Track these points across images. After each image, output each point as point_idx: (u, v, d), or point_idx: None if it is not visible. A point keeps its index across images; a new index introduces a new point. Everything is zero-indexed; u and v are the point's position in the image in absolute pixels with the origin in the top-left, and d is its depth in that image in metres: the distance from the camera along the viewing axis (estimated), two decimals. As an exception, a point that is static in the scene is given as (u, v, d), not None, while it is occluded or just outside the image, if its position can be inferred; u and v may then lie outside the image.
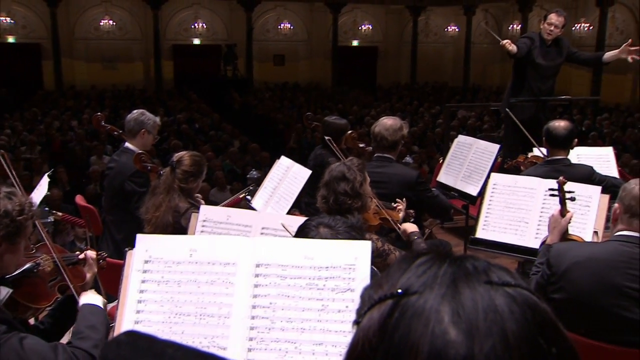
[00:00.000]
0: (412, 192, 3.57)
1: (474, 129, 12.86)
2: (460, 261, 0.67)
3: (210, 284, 1.65)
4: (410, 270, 0.67)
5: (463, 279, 0.64)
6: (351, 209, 2.57)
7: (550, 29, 5.28)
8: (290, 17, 22.95)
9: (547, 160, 3.87)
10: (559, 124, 3.80)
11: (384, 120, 3.80)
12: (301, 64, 23.71)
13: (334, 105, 16.88)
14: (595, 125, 14.17)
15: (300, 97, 18.81)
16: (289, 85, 22.07)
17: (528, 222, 3.33)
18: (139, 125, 4.09)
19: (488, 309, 0.61)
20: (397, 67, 24.48)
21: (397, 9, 23.56)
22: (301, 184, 3.87)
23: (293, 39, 23.32)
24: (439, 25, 24.70)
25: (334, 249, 1.59)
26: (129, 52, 21.52)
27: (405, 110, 16.48)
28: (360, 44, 24.21)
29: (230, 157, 10.44)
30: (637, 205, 2.33)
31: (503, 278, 0.65)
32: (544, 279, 2.47)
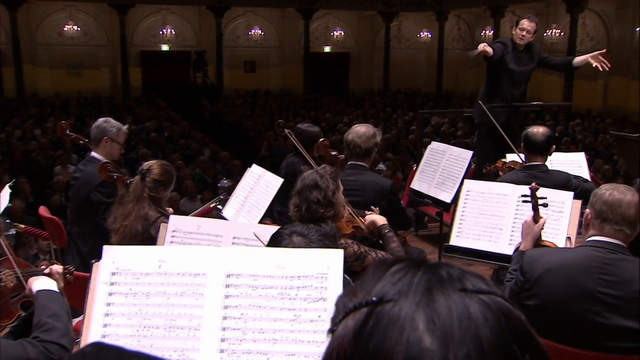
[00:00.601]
0: (385, 201, 3.60)
1: (447, 135, 13.01)
2: (435, 269, 0.68)
3: (180, 296, 1.64)
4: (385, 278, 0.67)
5: (438, 287, 0.64)
6: (324, 217, 2.58)
7: (522, 35, 5.38)
8: (260, 23, 22.97)
9: (524, 166, 3.95)
10: (538, 130, 3.87)
11: (356, 128, 3.83)
12: (272, 70, 23.73)
13: (306, 113, 16.91)
14: (568, 131, 14.48)
15: (271, 104, 18.81)
16: (260, 92, 22.06)
17: (502, 228, 3.39)
18: (100, 133, 4.04)
19: (462, 316, 0.62)
20: (369, 73, 24.67)
21: (369, 15, 23.77)
22: (273, 193, 3.87)
23: (264, 46, 23.33)
24: (411, 31, 24.99)
25: (306, 257, 1.60)
26: (95, 59, 21.27)
27: (378, 117, 16.60)
28: (332, 50, 24.34)
29: (201, 166, 10.38)
30: (608, 211, 2.39)
31: (477, 285, 0.66)
32: (518, 286, 2.52)
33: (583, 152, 5.39)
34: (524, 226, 2.87)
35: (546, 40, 18.71)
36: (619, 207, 2.37)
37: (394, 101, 20.75)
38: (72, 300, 2.51)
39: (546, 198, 2.90)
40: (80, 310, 2.03)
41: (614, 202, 2.38)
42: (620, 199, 2.38)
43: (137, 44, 21.70)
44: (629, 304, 2.30)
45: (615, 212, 2.37)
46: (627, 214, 2.36)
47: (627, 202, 2.37)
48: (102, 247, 1.77)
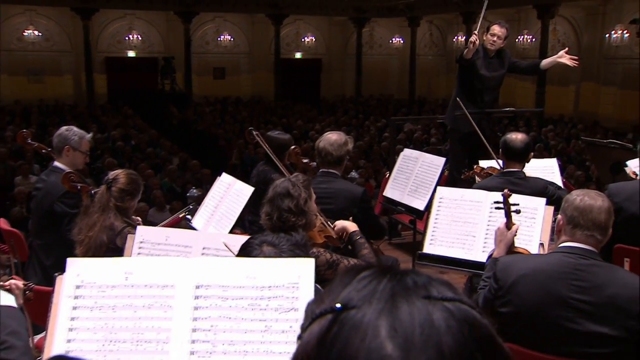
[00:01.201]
0: (357, 209, 3.62)
1: (420, 142, 13.15)
2: (400, 276, 0.69)
3: (148, 308, 1.63)
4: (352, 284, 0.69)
5: (402, 294, 0.66)
6: (295, 226, 2.58)
7: (493, 40, 5.48)
8: (230, 28, 22.93)
9: (502, 172, 3.99)
10: (516, 136, 3.92)
11: (328, 135, 3.85)
12: (243, 77, 23.69)
13: (277, 120, 16.92)
14: (541, 136, 14.75)
15: (242, 112, 18.77)
16: (230, 100, 21.98)
17: (475, 235, 3.44)
18: (62, 142, 3.99)
19: (425, 323, 0.63)
20: (341, 79, 24.79)
21: (341, 21, 23.93)
22: (244, 202, 3.87)
23: (234, 52, 23.29)
24: (383, 37, 25.21)
25: (276, 267, 1.60)
26: (57, 65, 20.95)
27: (350, 124, 16.69)
28: (303, 57, 24.42)
29: (169, 175, 10.29)
30: (579, 216, 2.44)
31: (443, 293, 0.67)
32: (492, 293, 2.55)
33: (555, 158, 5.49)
34: (497, 233, 2.91)
35: (518, 46, 19.06)
36: (590, 212, 2.42)
37: (367, 108, 20.89)
38: (33, 316, 2.47)
39: (519, 204, 2.94)
40: (43, 326, 2.00)
41: (585, 207, 2.43)
42: (591, 205, 2.44)
43: (102, 50, 21.45)
44: (600, 309, 2.35)
45: (586, 218, 2.42)
46: (598, 220, 2.42)
47: (597, 207, 2.43)
48: (65, 260, 1.75)
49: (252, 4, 20.71)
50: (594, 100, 18.19)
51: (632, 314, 2.33)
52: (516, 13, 20.32)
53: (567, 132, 15.73)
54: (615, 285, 2.37)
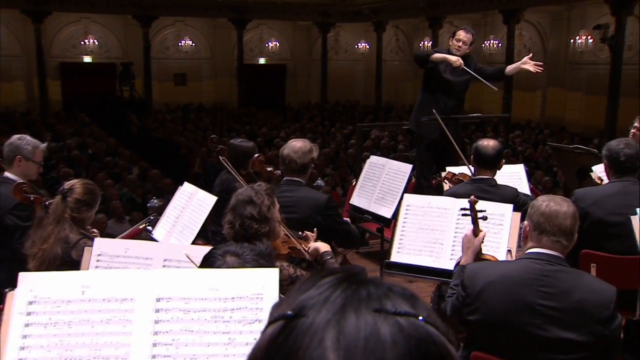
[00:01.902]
0: (321, 217, 3.63)
1: (388, 149, 13.27)
2: (357, 286, 0.69)
3: (106, 323, 1.61)
4: (310, 291, 0.70)
5: (352, 305, 0.66)
6: (258, 234, 2.59)
7: (458, 46, 5.57)
8: (191, 33, 22.78)
9: (473, 179, 4.03)
10: (488, 143, 3.96)
11: (292, 143, 3.87)
12: (205, 83, 23.55)
13: (241, 127, 16.87)
14: (509, 142, 15.04)
15: (204, 119, 18.66)
16: (192, 107, 21.82)
17: (443, 243, 3.49)
18: (13, 152, 3.91)
19: (370, 337, 0.63)
20: (306, 85, 24.86)
21: (305, 25, 24.02)
22: (206, 212, 3.85)
23: (195, 57, 23.13)
24: (349, 42, 25.39)
25: (240, 278, 1.61)
26: (8, 71, 20.43)
27: (316, 131, 16.75)
28: (267, 62, 24.41)
29: (129, 185, 10.17)
30: (545, 222, 2.50)
31: (398, 307, 0.67)
32: (460, 301, 2.59)
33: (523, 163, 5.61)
34: (464, 240, 2.96)
35: (484, 51, 19.43)
36: (556, 218, 2.49)
37: (333, 114, 20.98)
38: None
39: (485, 211, 3.00)
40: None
41: (551, 213, 2.50)
42: (556, 210, 2.50)
43: (56, 55, 21.06)
44: (568, 315, 2.41)
45: (552, 224, 2.48)
46: (564, 225, 2.48)
47: (563, 213, 2.49)
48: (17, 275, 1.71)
49: (214, 8, 20.63)
50: (561, 105, 18.63)
51: (599, 319, 2.39)
52: (482, 18, 20.71)
53: (534, 138, 16.07)
54: (581, 291, 2.43)
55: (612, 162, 3.80)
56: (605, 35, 13.38)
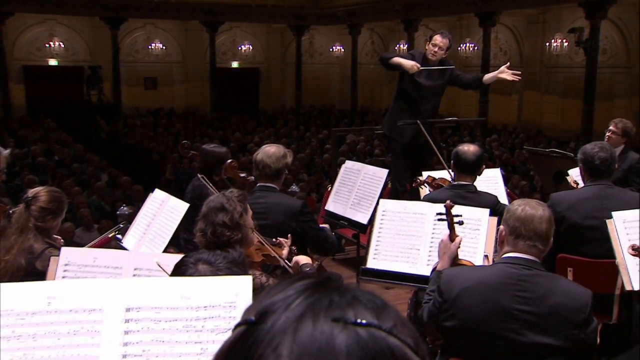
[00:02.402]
0: (296, 223, 3.64)
1: (363, 153, 13.33)
2: (321, 294, 0.69)
3: (73, 335, 1.59)
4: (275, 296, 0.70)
5: (311, 313, 0.67)
6: (230, 241, 2.58)
7: (434, 51, 5.59)
8: (162, 36, 22.64)
9: (452, 185, 4.04)
10: (469, 148, 3.96)
11: (266, 148, 3.88)
12: (176, 87, 23.41)
13: (213, 132, 16.80)
14: (485, 146, 15.20)
15: (176, 124, 18.55)
16: (163, 111, 21.68)
17: (419, 248, 3.51)
18: (-26, 159, 3.86)
19: (324, 347, 0.64)
20: (281, 89, 24.87)
21: (279, 28, 24.04)
22: (178, 219, 3.83)
23: (166, 61, 22.99)
24: (323, 46, 25.47)
25: (212, 286, 1.60)
26: (-32, 74, 20.12)
27: (291, 136, 16.75)
28: (240, 66, 24.37)
29: (98, 192, 10.06)
30: (521, 227, 2.54)
31: (361, 317, 0.67)
32: (436, 307, 2.62)
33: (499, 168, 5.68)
34: (441, 245, 2.99)
35: (460, 54, 19.65)
36: (532, 222, 2.53)
37: (308, 119, 21.02)
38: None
39: (462, 216, 3.03)
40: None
41: (527, 217, 2.54)
42: (532, 215, 2.54)
43: (19, 58, 20.71)
44: (544, 320, 2.45)
45: (528, 228, 2.52)
46: (540, 229, 2.52)
47: (539, 217, 2.53)
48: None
49: (185, 10, 20.53)
50: (537, 109, 18.92)
51: (575, 323, 2.44)
52: (458, 21, 20.94)
53: (511, 142, 16.28)
54: (557, 295, 2.47)
55: (587, 165, 3.87)
56: (580, 39, 13.64)
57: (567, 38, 16.38)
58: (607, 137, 5.34)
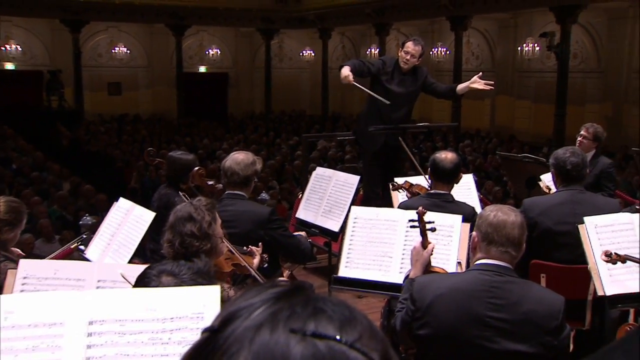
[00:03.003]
0: (264, 231, 3.63)
1: (335, 160, 13.37)
2: (284, 303, 0.70)
3: (32, 351, 1.57)
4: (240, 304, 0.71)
5: (269, 323, 0.67)
6: (199, 252, 2.57)
7: (407, 58, 5.59)
8: (125, 40, 22.43)
9: (428, 193, 4.04)
10: (446, 156, 3.95)
11: (235, 155, 3.88)
12: (141, 93, 23.21)
13: (180, 139, 16.71)
14: (459, 152, 15.37)
15: (141, 131, 18.40)
16: (127, 117, 21.48)
17: (392, 256, 3.53)
18: None
19: (278, 358, 0.64)
20: (250, 95, 24.83)
21: (248, 32, 24.02)
22: (144, 229, 3.80)
23: (131, 65, 22.79)
24: (293, 50, 25.52)
25: (179, 297, 1.60)
26: None
27: (260, 142, 16.74)
28: (208, 70, 24.28)
29: (59, 202, 9.91)
30: (493, 232, 2.57)
31: (321, 329, 0.67)
32: (409, 315, 2.63)
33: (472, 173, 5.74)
34: (413, 252, 3.01)
35: (432, 59, 19.87)
36: (504, 228, 2.57)
37: (278, 125, 21.02)
38: None
39: (434, 222, 3.06)
40: None
41: (499, 223, 2.57)
42: (504, 220, 2.58)
43: (-26, 62, 20.37)
44: (517, 327, 2.48)
45: (500, 234, 2.56)
46: (512, 235, 2.56)
47: (511, 222, 2.57)
48: None
49: (150, 13, 20.38)
50: (510, 114, 19.20)
51: (548, 330, 2.48)
52: (430, 25, 21.18)
53: (484, 147, 16.49)
54: (530, 302, 2.51)
55: (559, 170, 3.95)
56: (551, 43, 13.90)
57: (538, 42, 16.68)
58: (579, 142, 5.44)
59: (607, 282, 3.37)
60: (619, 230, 3.49)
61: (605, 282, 3.37)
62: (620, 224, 3.51)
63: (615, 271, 3.38)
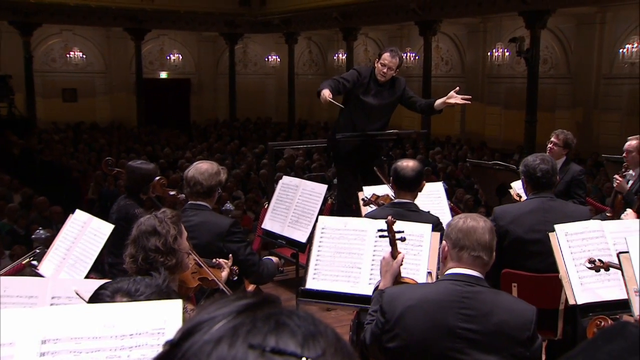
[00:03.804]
0: (223, 243, 3.62)
1: (302, 168, 13.38)
2: (247, 317, 0.71)
3: (-20, 373, 1.53)
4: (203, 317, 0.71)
5: (228, 338, 0.68)
6: (164, 267, 2.54)
7: (384, 72, 5.55)
8: (81, 44, 22.13)
9: (392, 203, 4.07)
10: (408, 164, 3.98)
11: (199, 164, 3.86)
12: (99, 99, 22.92)
13: (141, 148, 16.56)
14: (429, 159, 15.53)
15: (99, 139, 18.16)
16: (84, 125, 21.19)
17: (361, 267, 3.55)
18: None
19: None
20: (213, 102, 24.72)
21: (211, 36, 23.94)
22: (102, 242, 3.76)
23: (87, 70, 22.48)
24: (258, 55, 25.52)
25: (139, 312, 1.58)
26: None
27: (225, 151, 16.68)
28: (169, 76, 24.12)
29: (9, 215, 9.73)
30: (464, 238, 2.61)
31: (281, 345, 0.68)
32: (379, 328, 2.65)
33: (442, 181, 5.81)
34: (382, 263, 3.03)
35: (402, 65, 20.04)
36: (474, 233, 2.60)
37: (243, 132, 20.98)
38: None
39: (403, 232, 3.09)
40: None
41: (469, 229, 2.61)
42: (474, 226, 2.62)
43: None
44: (489, 338, 2.51)
45: (471, 238, 2.60)
46: (483, 239, 2.60)
47: (481, 227, 2.62)
48: None
49: (107, 16, 20.12)
50: (480, 120, 19.47)
51: (520, 341, 2.52)
52: (398, 29, 21.40)
53: (454, 154, 16.69)
54: (501, 312, 2.55)
55: (529, 178, 4.02)
56: (521, 49, 14.12)
57: (508, 48, 16.96)
58: (549, 148, 5.55)
59: (579, 291, 3.43)
60: (590, 237, 3.57)
61: (576, 290, 3.43)
62: (591, 232, 3.59)
63: (587, 279, 3.45)
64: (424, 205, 4.32)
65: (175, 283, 2.65)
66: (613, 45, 15.85)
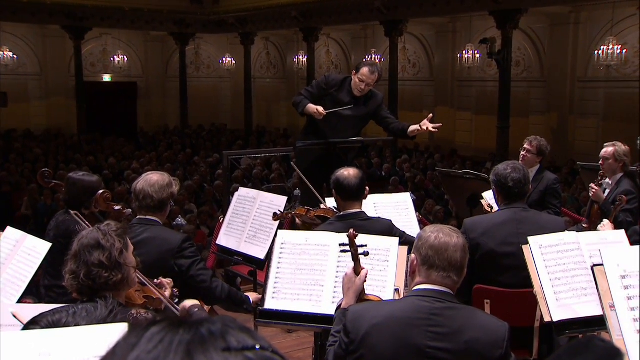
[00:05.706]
0: (174, 260, 3.60)
1: (261, 179, 13.37)
2: (195, 327, 0.74)
3: None
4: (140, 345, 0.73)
5: (199, 347, 0.71)
6: (109, 283, 2.52)
7: (362, 87, 5.71)
8: (12, 43, 21.69)
9: (340, 215, 4.09)
10: (349, 172, 4.06)
11: (148, 176, 3.84)
12: (33, 105, 22.54)
13: (82, 158, 16.37)
14: (396, 168, 15.66)
15: (34, 149, 17.89)
16: (16, 133, 20.83)
17: (323, 284, 3.56)
18: None
19: None
20: (163, 107, 24.55)
21: (159, 36, 23.80)
22: (37, 262, 3.70)
23: (19, 73, 22.05)
24: (212, 57, 25.45)
25: (79, 338, 1.57)
26: None
27: (176, 161, 16.58)
28: (113, 80, 23.88)
29: None
30: (434, 256, 2.64)
31: (243, 342, 0.73)
32: (343, 349, 2.66)
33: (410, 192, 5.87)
34: (345, 280, 3.04)
35: (366, 67, 20.17)
36: (446, 251, 2.63)
37: (195, 141, 20.89)
38: None
39: (366, 246, 3.10)
40: None
41: (441, 246, 2.64)
42: (446, 243, 2.65)
43: None
44: (459, 357, 2.55)
45: (442, 257, 2.63)
46: (454, 258, 2.63)
47: (453, 245, 2.65)
48: None
49: (42, 12, 19.71)
50: (450, 126, 19.67)
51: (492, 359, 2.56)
52: (362, 30, 21.58)
53: (423, 163, 16.86)
54: (472, 330, 2.58)
55: (500, 188, 4.08)
56: (492, 50, 14.34)
57: (478, 49, 17.18)
58: (522, 156, 5.65)
59: (554, 307, 3.49)
60: (565, 250, 3.63)
61: (552, 306, 3.49)
62: (567, 244, 3.65)
63: (563, 295, 3.52)
64: (390, 217, 4.36)
65: (122, 300, 2.62)
66: (588, 46, 16.16)
